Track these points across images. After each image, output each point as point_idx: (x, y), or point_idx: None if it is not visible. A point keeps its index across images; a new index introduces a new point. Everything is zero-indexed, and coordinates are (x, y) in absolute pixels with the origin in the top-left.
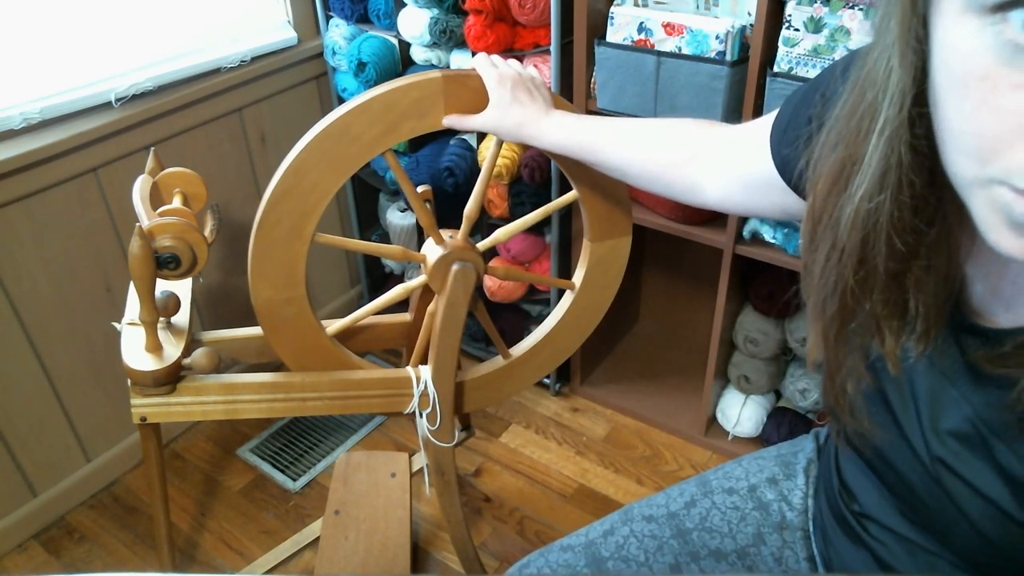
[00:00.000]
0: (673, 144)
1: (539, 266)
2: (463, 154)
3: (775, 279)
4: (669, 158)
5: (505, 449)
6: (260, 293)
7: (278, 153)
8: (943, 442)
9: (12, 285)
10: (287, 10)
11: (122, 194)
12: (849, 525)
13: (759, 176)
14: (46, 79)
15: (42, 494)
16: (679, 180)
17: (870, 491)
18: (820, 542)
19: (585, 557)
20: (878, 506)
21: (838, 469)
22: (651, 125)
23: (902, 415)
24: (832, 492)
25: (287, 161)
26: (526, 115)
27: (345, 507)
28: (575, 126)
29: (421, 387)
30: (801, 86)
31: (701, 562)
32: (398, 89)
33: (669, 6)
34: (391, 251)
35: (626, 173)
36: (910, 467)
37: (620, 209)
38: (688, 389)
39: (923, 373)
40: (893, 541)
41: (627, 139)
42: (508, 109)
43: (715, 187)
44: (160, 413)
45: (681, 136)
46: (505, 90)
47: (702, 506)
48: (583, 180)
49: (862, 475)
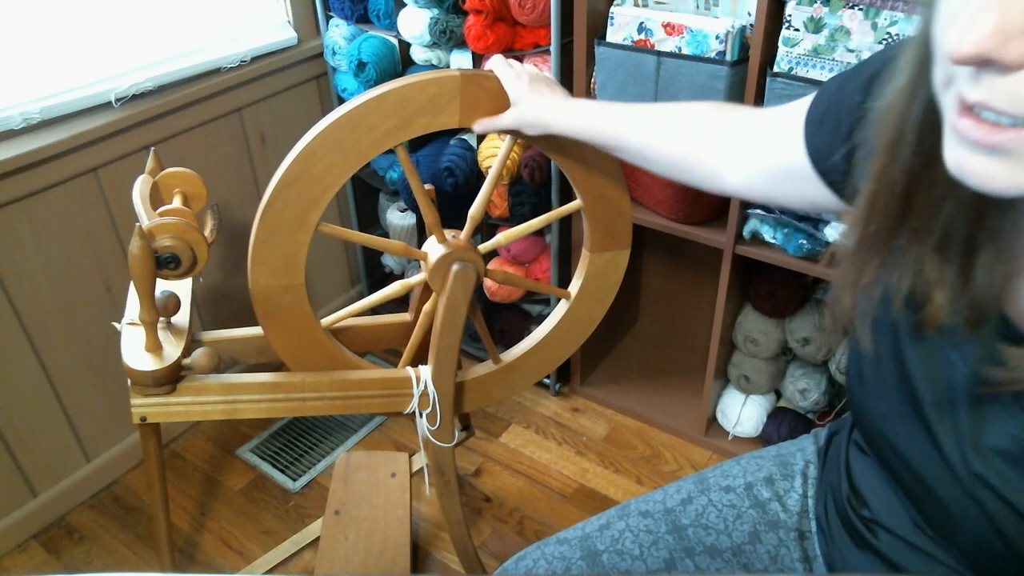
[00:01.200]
0: (695, 129)
1: (539, 266)
2: (463, 154)
3: (775, 279)
4: (691, 143)
5: (505, 449)
6: (259, 279)
7: (278, 153)
8: (986, 460)
9: (12, 285)
10: (287, 10)
11: (122, 194)
12: (856, 530)
13: (787, 165)
14: (46, 79)
15: (42, 494)
16: (700, 166)
17: (883, 498)
18: (823, 543)
19: (581, 550)
20: (890, 514)
21: (848, 473)
22: (673, 109)
23: (938, 426)
24: (839, 496)
25: (299, 146)
26: (548, 105)
27: (345, 507)
28: (598, 112)
29: (421, 387)
30: (838, 76)
31: (696, 558)
32: (415, 84)
33: (669, 6)
34: (393, 245)
35: (647, 158)
36: (942, 481)
37: (621, 222)
38: (688, 389)
39: (964, 385)
40: (904, 548)
41: (649, 124)
42: (529, 102)
43: (737, 174)
44: (160, 413)
45: (703, 120)
46: (523, 83)
47: (699, 503)
48: (588, 190)
49: (876, 481)
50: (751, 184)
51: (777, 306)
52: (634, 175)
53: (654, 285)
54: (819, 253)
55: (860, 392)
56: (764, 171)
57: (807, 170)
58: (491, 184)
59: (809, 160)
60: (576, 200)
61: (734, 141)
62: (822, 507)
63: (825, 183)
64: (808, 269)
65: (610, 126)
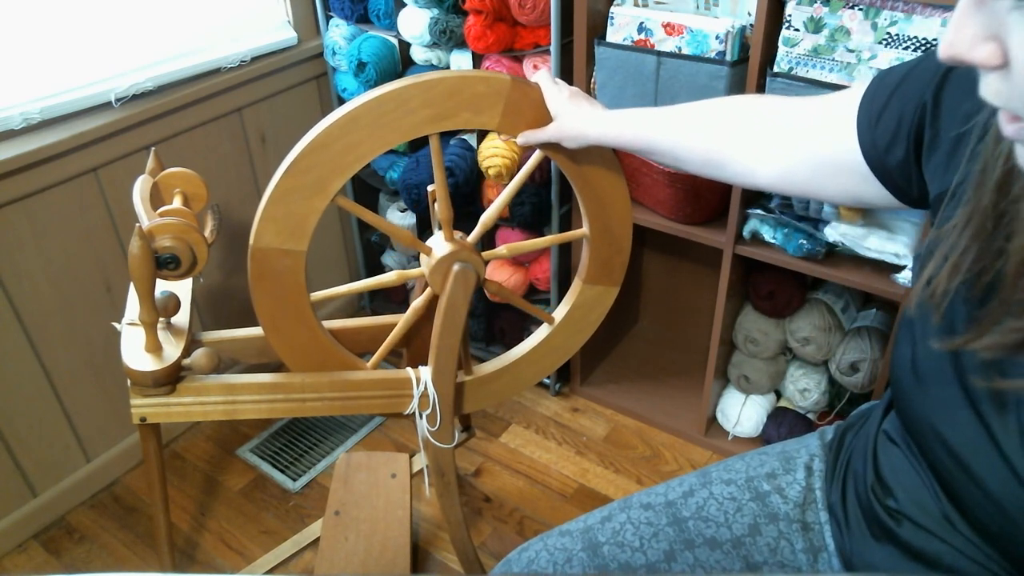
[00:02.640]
0: (725, 124)
1: (539, 266)
2: (463, 154)
3: (775, 279)
4: (721, 139)
5: (505, 449)
6: (262, 237)
7: (278, 153)
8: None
9: (12, 285)
10: (287, 10)
11: (122, 194)
12: (878, 519)
13: (833, 159)
14: (46, 79)
15: (42, 494)
16: (731, 162)
17: (912, 490)
18: (837, 533)
19: (582, 541)
20: (918, 506)
21: (876, 463)
22: (706, 106)
23: (995, 420)
24: (863, 485)
25: (343, 111)
26: (587, 117)
27: (345, 508)
28: (632, 118)
29: (421, 388)
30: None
31: (696, 550)
32: (466, 78)
33: (669, 6)
34: (402, 233)
35: (678, 157)
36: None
37: (619, 259)
38: (688, 389)
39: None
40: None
41: (678, 123)
42: (569, 114)
43: (772, 167)
44: (160, 413)
45: (735, 114)
46: (564, 97)
47: (700, 496)
48: (597, 222)
49: (906, 472)
50: (789, 177)
51: (777, 306)
52: (634, 176)
53: (654, 285)
54: (819, 253)
55: (910, 380)
56: (806, 164)
57: (858, 166)
58: (511, 192)
59: (863, 156)
60: (583, 228)
61: (769, 134)
62: (838, 495)
63: (881, 180)
64: (808, 269)
65: (641, 129)
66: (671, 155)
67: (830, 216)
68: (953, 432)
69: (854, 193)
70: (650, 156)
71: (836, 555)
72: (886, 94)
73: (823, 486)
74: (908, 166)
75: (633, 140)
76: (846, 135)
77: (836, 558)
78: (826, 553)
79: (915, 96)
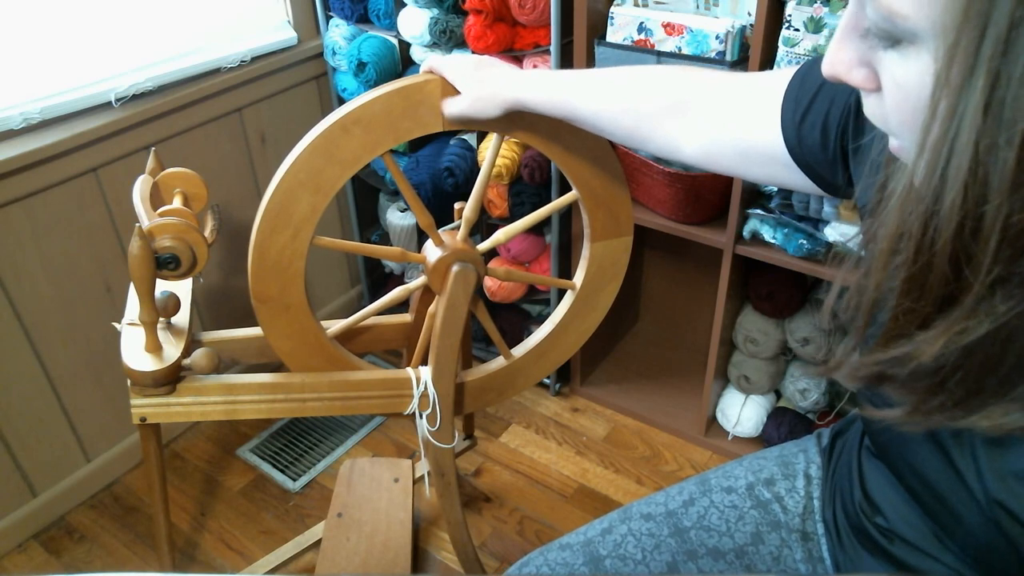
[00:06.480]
0: (651, 93)
1: (539, 266)
2: (463, 154)
3: (775, 279)
4: (645, 109)
5: (505, 449)
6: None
7: (278, 153)
8: (1007, 485)
9: (12, 285)
10: (287, 10)
11: (122, 194)
12: (870, 536)
13: (760, 147)
14: (46, 79)
15: (42, 494)
16: (657, 135)
17: (899, 509)
18: (831, 547)
19: (583, 555)
20: (908, 525)
21: (861, 479)
22: (628, 73)
23: (955, 451)
24: (851, 501)
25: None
26: (500, 79)
27: (348, 510)
28: (548, 81)
29: (421, 388)
30: (811, 60)
31: (699, 561)
32: (389, 95)
33: (669, 6)
34: (390, 252)
35: (601, 127)
36: (961, 502)
37: (620, 208)
38: (688, 389)
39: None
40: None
41: (601, 90)
42: (479, 81)
43: (699, 143)
44: (160, 413)
45: (660, 84)
46: (470, 67)
47: (700, 505)
48: (581, 180)
49: (891, 491)
50: (714, 157)
51: (777, 306)
52: (634, 175)
53: (654, 285)
54: (819, 253)
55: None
56: (729, 147)
57: (783, 156)
58: (483, 184)
59: (788, 152)
60: (572, 191)
61: (696, 110)
62: (831, 511)
63: (807, 175)
64: (808, 269)
65: (558, 92)
66: (592, 123)
67: (830, 216)
68: (920, 462)
69: (781, 181)
70: (569, 122)
71: (832, 568)
72: (811, 91)
73: (819, 495)
74: (835, 165)
75: (550, 101)
76: (770, 126)
77: (833, 569)
78: (823, 565)
79: (841, 96)
